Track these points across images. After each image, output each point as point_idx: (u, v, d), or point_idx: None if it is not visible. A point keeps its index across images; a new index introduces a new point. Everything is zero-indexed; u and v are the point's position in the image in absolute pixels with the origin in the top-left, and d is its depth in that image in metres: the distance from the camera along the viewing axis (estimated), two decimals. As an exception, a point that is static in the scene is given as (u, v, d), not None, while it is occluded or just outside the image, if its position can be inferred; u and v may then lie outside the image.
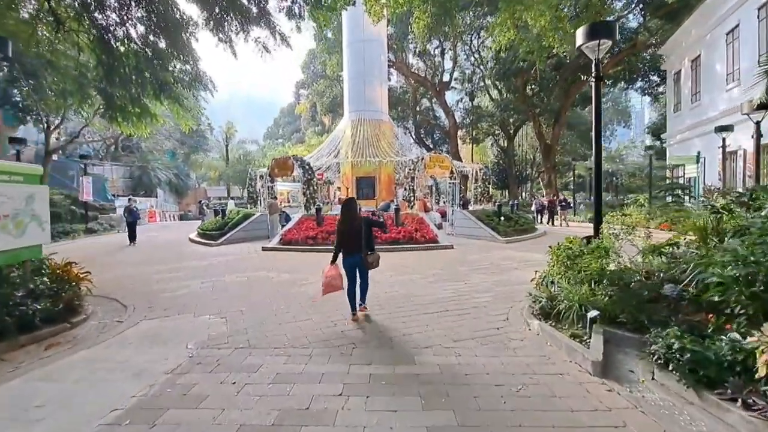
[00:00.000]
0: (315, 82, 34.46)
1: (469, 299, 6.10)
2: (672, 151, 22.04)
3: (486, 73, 33.73)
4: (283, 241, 11.69)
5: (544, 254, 10.66)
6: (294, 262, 9.60)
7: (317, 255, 10.50)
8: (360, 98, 18.25)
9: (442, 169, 13.97)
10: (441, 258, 9.97)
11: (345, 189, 17.94)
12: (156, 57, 11.97)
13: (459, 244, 12.13)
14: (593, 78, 5.77)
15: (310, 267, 8.91)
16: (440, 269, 8.50)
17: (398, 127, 19.97)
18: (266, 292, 6.65)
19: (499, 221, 13.64)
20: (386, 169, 18.10)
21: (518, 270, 8.40)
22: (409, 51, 34.32)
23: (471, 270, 8.40)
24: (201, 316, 5.42)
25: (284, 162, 13.91)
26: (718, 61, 17.06)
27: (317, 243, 11.37)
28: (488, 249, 11.37)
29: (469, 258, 9.91)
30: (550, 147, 28.34)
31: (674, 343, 3.18)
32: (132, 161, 32.92)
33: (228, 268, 9.05)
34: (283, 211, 15.12)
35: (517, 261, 9.44)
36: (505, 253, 10.54)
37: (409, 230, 11.74)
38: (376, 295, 6.32)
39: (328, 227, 11.88)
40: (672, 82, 22.17)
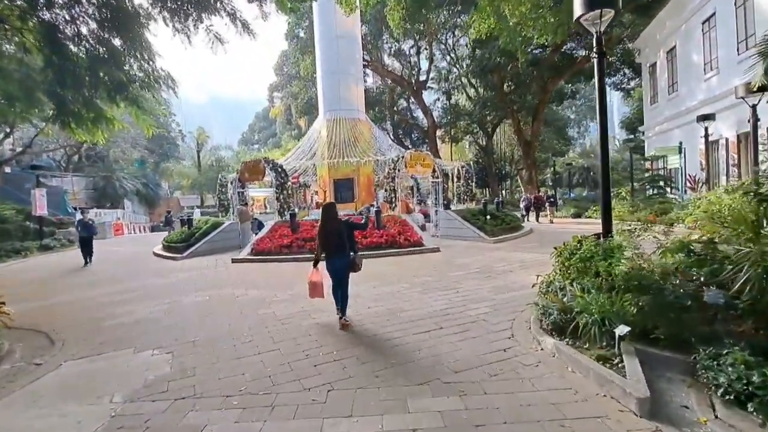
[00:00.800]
0: (289, 84, 33.37)
1: (464, 311, 5.30)
2: (650, 143, 22.02)
3: (462, 71, 33.40)
4: (254, 252, 10.67)
5: (538, 254, 10.07)
6: (266, 275, 8.62)
7: (292, 265, 9.55)
8: (335, 97, 17.37)
9: (423, 167, 13.24)
10: (428, 263, 9.17)
11: (322, 192, 16.99)
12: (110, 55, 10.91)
13: (445, 246, 11.39)
14: (595, 54, 5.08)
15: (283, 280, 7.97)
16: (428, 276, 7.69)
17: (376, 128, 19.14)
18: (229, 315, 5.67)
19: (485, 220, 12.97)
20: (365, 170, 17.25)
21: (513, 273, 7.67)
22: (384, 51, 33.70)
23: (462, 275, 7.63)
24: (142, 352, 4.43)
25: (255, 166, 12.89)
26: (695, 51, 16.96)
27: (292, 252, 10.40)
28: (477, 250, 10.66)
29: (459, 261, 9.15)
30: (530, 144, 28.09)
31: (742, 370, 2.44)
32: (95, 171, 30.97)
33: (190, 285, 8.00)
34: (255, 219, 14.07)
35: (510, 263, 8.73)
36: (496, 255, 9.83)
37: (391, 233, 10.92)
38: (358, 312, 5.46)
39: (304, 234, 10.93)
40: (647, 74, 22.17)
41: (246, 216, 12.63)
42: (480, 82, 29.91)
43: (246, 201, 14.77)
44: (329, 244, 5.06)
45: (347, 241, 5.10)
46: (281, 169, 12.76)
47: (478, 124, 34.32)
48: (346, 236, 5.09)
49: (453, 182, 17.68)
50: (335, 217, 5.24)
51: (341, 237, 5.03)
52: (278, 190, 12.50)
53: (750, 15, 13.00)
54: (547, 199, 18.46)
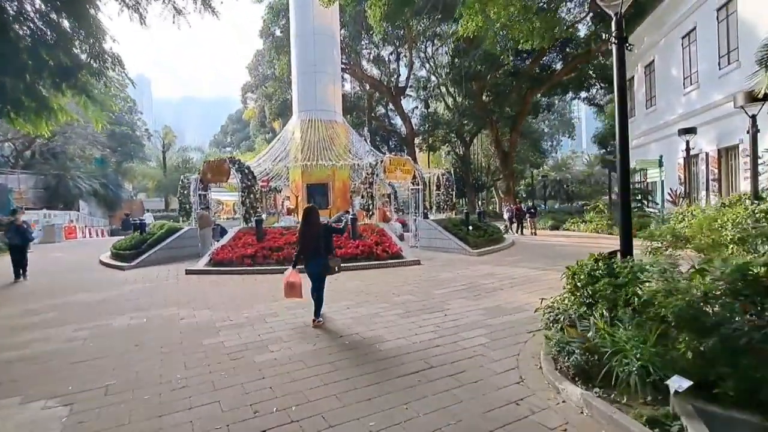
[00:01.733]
0: (263, 85, 32.04)
1: (457, 342, 4.39)
2: (628, 156, 22.12)
3: (442, 80, 33.11)
4: (213, 262, 9.45)
5: (526, 269, 9.34)
6: (222, 291, 7.45)
7: (255, 279, 8.41)
8: (310, 96, 16.33)
9: (403, 173, 12.40)
10: (408, 277, 8.25)
11: (294, 198, 15.84)
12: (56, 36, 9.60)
13: (426, 259, 10.52)
14: (614, 40, 4.35)
15: (242, 297, 6.83)
16: (410, 294, 6.76)
17: (353, 131, 18.19)
18: (163, 347, 4.53)
19: (468, 231, 12.22)
20: (341, 175, 16.23)
21: (504, 291, 6.85)
22: (364, 57, 33.00)
23: (448, 293, 6.74)
24: (32, 403, 3.26)
25: (219, 166, 11.65)
26: (674, 65, 17.04)
27: (256, 263, 9.25)
28: (461, 264, 9.84)
29: (442, 276, 8.28)
30: (508, 154, 27.90)
31: None
32: (47, 169, 28.47)
33: (128, 303, 6.74)
34: (217, 225, 12.79)
35: (498, 278, 7.93)
36: (481, 269, 9.03)
37: (368, 244, 9.95)
38: (329, 343, 4.45)
39: (271, 243, 9.80)
40: (625, 88, 22.33)
41: (206, 221, 11.37)
42: (459, 90, 29.58)
43: (207, 204, 13.46)
44: (306, 247, 5.24)
45: (323, 244, 5.23)
46: (248, 170, 11.58)
47: (456, 133, 34.03)
48: (323, 240, 5.23)
49: (432, 190, 16.93)
50: (315, 221, 5.30)
51: (318, 240, 5.18)
52: (244, 193, 11.31)
53: (732, 30, 12.97)
54: (527, 211, 17.91)
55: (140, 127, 49.59)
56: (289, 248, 9.55)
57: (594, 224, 20.11)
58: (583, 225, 21.09)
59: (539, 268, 9.06)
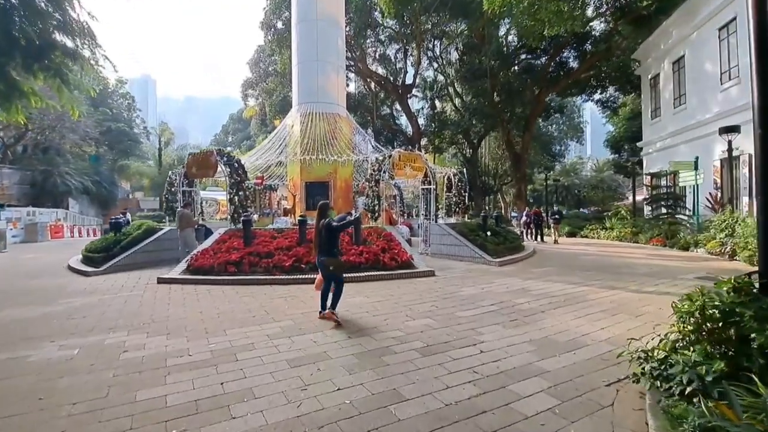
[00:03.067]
0: (264, 81, 30.77)
1: (510, 404, 2.94)
2: (651, 160, 20.67)
3: (450, 79, 31.78)
4: (190, 269, 8.02)
5: (563, 283, 7.67)
6: (194, 307, 6.01)
7: (238, 291, 6.97)
8: (312, 87, 14.97)
9: (414, 170, 10.98)
10: (422, 292, 6.80)
11: (291, 197, 14.44)
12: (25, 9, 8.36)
13: (440, 268, 9.08)
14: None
15: (215, 317, 5.39)
16: (428, 316, 5.31)
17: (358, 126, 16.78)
18: (77, 402, 3.08)
19: (485, 237, 10.76)
20: (343, 173, 14.83)
21: (547, 314, 5.39)
22: (369, 55, 31.71)
23: (477, 316, 5.29)
24: None
25: (205, 159, 10.24)
26: (709, 60, 15.60)
27: (241, 271, 7.81)
28: (482, 275, 8.38)
29: (464, 292, 6.82)
30: (520, 156, 26.47)
31: None
32: (35, 165, 27.18)
33: (67, 323, 5.30)
34: (201, 225, 11.36)
35: (534, 296, 6.47)
36: (508, 283, 7.57)
37: (374, 250, 8.51)
38: (323, 403, 2.98)
39: (260, 247, 8.36)
40: (648, 87, 20.91)
41: (188, 221, 9.96)
42: (469, 89, 28.21)
43: (189, 202, 12.03)
44: (315, 243, 5.38)
45: (326, 242, 5.25)
46: (238, 164, 10.17)
47: (463, 134, 32.63)
48: (325, 238, 5.24)
49: (442, 192, 15.47)
50: (324, 215, 5.31)
51: (321, 237, 5.26)
52: (232, 189, 9.91)
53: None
54: (552, 216, 16.33)
55: (139, 124, 48.49)
56: (280, 254, 8.12)
57: (616, 231, 18.63)
58: (603, 232, 19.62)
59: (578, 282, 7.59)
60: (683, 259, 11.13)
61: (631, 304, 5.95)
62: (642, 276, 8.35)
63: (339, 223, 5.45)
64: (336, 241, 5.41)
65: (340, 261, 5.55)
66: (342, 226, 5.49)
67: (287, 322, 5.14)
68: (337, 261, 5.39)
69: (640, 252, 12.97)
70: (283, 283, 7.44)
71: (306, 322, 5.15)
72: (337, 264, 5.35)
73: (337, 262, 5.38)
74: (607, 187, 41.26)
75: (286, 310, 5.74)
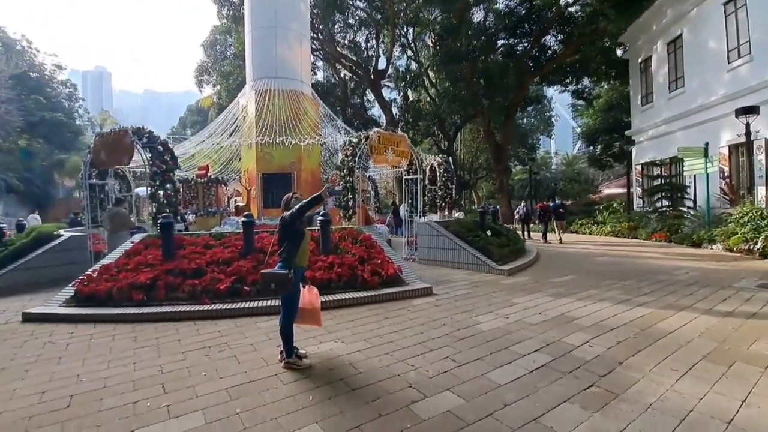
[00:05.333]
0: (220, 65, 27.59)
1: None
2: (641, 149, 19.36)
3: (425, 67, 29.74)
4: (78, 297, 5.43)
5: (609, 303, 4.84)
6: (50, 378, 3.51)
7: (141, 336, 4.46)
8: (269, 59, 12.39)
9: (397, 155, 8.75)
10: (423, 327, 4.58)
11: (245, 192, 11.87)
12: None
13: (437, 282, 6.92)
14: None
15: (53, 411, 2.87)
16: (446, 385, 3.09)
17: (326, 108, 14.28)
18: None
19: (486, 237, 8.70)
20: (309, 163, 12.41)
21: (634, 371, 3.30)
22: (338, 43, 29.08)
23: (525, 383, 3.13)
24: None
25: (117, 140, 7.47)
26: (712, 38, 14.23)
27: (155, 300, 5.31)
28: (494, 291, 6.27)
29: (483, 324, 4.65)
30: (501, 147, 24.80)
31: None
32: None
33: None
34: (138, 227, 8.70)
35: (587, 329, 4.40)
36: (533, 303, 5.50)
37: (349, 261, 6.21)
38: None
39: (185, 262, 5.86)
40: (638, 71, 19.58)
41: (123, 222, 7.33)
42: (446, 76, 26.22)
43: (122, 198, 9.31)
44: None
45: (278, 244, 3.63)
46: (164, 147, 7.56)
47: (439, 125, 30.72)
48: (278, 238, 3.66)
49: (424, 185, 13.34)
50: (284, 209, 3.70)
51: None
52: (154, 180, 7.32)
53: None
54: (555, 210, 14.41)
55: (82, 115, 43.57)
56: (215, 271, 5.67)
57: (610, 226, 17.18)
58: (596, 227, 18.17)
59: (624, 300, 5.63)
60: (706, 258, 9.56)
61: (731, 340, 4.02)
62: (689, 286, 6.54)
63: (294, 209, 3.51)
64: (293, 241, 3.52)
65: (281, 274, 3.39)
66: (299, 209, 3.49)
67: (194, 416, 2.77)
68: (277, 274, 3.38)
69: (651, 250, 11.34)
70: (215, 316, 5.02)
71: (240, 406, 2.81)
72: (279, 278, 3.38)
73: (279, 276, 3.38)
74: (584, 180, 40.68)
75: (203, 379, 3.37)
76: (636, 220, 16.07)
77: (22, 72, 30.68)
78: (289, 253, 3.50)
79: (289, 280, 3.46)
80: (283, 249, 3.52)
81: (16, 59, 29.20)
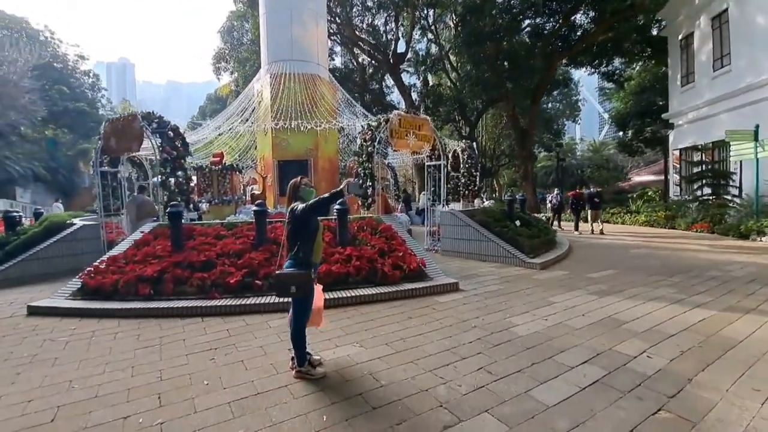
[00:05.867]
0: (236, 51, 27.30)
1: None
2: (681, 133, 18.08)
3: (446, 50, 28.71)
4: (84, 290, 5.16)
5: (656, 302, 4.18)
6: (50, 380, 3.20)
7: (145, 334, 4.12)
8: (284, 41, 11.89)
9: (419, 140, 8.17)
10: (452, 330, 4.08)
11: (261, 180, 11.54)
12: None
13: (463, 276, 6.41)
14: None
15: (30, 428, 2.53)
16: (484, 405, 2.59)
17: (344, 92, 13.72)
18: None
19: (516, 228, 8.09)
20: (327, 150, 11.97)
21: (708, 390, 2.72)
22: (356, 27, 28.29)
23: (579, 403, 2.60)
24: None
25: (126, 125, 7.17)
26: (760, 13, 12.93)
27: (163, 294, 4.99)
28: (527, 287, 5.72)
29: (519, 327, 4.12)
30: (526, 132, 23.74)
31: None
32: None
33: None
34: None
35: (640, 335, 3.81)
36: (573, 301, 4.93)
37: (368, 254, 5.75)
38: None
39: (195, 254, 5.51)
40: (678, 49, 18.19)
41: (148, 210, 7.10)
42: (468, 59, 25.17)
43: (145, 185, 9.11)
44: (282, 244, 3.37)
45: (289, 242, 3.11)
46: (174, 133, 7.22)
47: (460, 110, 29.71)
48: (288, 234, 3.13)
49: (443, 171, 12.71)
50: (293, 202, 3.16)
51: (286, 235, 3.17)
52: (164, 167, 7.01)
53: None
54: (589, 199, 13.38)
55: (105, 105, 44.31)
56: (225, 264, 5.31)
57: (644, 215, 16.18)
58: (629, 216, 17.17)
59: (678, 300, 4.98)
60: (759, 251, 8.73)
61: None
62: (748, 284, 5.85)
63: (308, 204, 2.98)
64: (307, 236, 3.06)
65: (302, 274, 2.96)
66: (312, 207, 2.97)
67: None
68: (298, 275, 2.95)
69: (694, 242, 10.47)
70: (224, 312, 4.66)
71: (243, 427, 2.41)
72: (300, 280, 2.94)
73: (299, 276, 2.94)
74: (613, 167, 38.98)
75: (204, 389, 2.98)
76: (674, 209, 15.05)
77: (45, 62, 31.14)
78: (305, 250, 3.06)
79: (311, 281, 3.04)
80: (297, 246, 3.07)
81: (39, 50, 29.59)
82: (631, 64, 27.85)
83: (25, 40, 29.68)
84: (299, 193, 3.24)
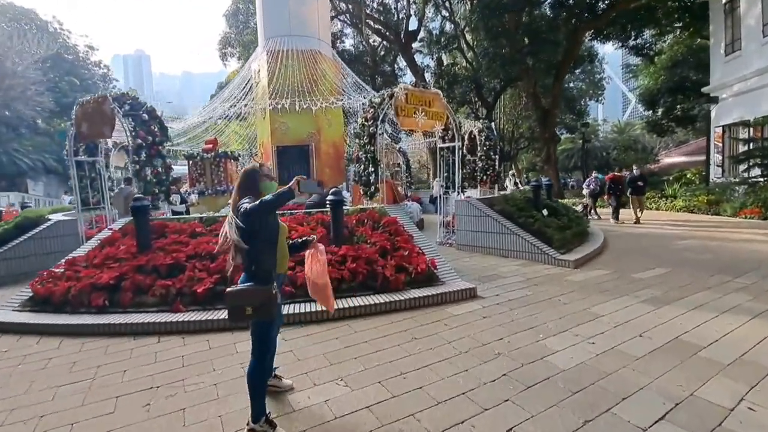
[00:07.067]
0: (242, 35, 26.34)
1: None
2: (725, 107, 16.32)
3: (462, 26, 27.07)
4: (34, 299, 4.39)
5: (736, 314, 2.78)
6: None
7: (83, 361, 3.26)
8: (281, 15, 10.83)
9: (430, 118, 7.07)
10: (470, 359, 3.12)
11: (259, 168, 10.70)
12: None
13: (482, 277, 5.42)
14: None
15: None
16: None
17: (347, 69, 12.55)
18: None
19: (543, 218, 7.00)
20: (330, 133, 11.00)
21: None
22: (366, 6, 26.89)
23: None
24: None
25: (96, 108, 6.32)
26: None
27: (119, 305, 4.16)
28: (561, 294, 4.67)
29: (556, 355, 3.11)
30: (548, 112, 22.17)
31: None
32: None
33: None
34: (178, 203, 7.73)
35: (725, 367, 2.73)
36: (622, 314, 3.87)
37: (368, 253, 4.80)
38: None
39: (161, 258, 4.66)
40: (722, 14, 16.31)
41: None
42: (485, 34, 23.56)
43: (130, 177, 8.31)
44: None
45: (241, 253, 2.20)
46: (150, 115, 6.34)
47: (476, 90, 28.10)
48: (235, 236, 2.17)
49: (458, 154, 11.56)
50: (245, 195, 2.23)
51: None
52: (138, 155, 6.17)
53: None
54: (632, 183, 11.64)
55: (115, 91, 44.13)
56: (196, 267, 4.45)
57: (683, 200, 14.71)
58: (664, 201, 15.71)
59: (762, 310, 3.87)
60: None
61: None
62: None
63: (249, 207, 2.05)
64: (265, 241, 2.21)
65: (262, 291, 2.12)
66: (262, 207, 2.04)
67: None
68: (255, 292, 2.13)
69: (747, 231, 9.12)
70: (186, 330, 3.81)
71: None
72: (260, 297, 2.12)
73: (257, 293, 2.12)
74: (641, 149, 36.84)
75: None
76: (718, 193, 13.56)
77: (55, 53, 30.83)
78: (264, 259, 2.15)
79: (274, 298, 2.12)
80: (252, 255, 2.15)
81: (48, 41, 29.24)
82: (663, 37, 25.67)
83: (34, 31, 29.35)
84: (254, 184, 2.30)
